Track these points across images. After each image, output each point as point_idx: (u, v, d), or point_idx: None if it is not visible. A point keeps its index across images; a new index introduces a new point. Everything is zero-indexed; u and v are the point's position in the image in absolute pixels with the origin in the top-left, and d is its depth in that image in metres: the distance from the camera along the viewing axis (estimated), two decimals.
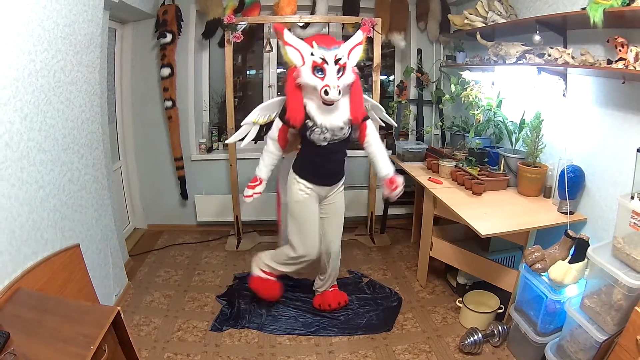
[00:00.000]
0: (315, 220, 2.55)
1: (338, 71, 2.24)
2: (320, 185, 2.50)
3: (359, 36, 2.39)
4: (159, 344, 2.46)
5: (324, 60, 2.22)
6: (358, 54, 2.38)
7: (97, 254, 2.54)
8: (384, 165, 2.52)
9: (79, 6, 2.30)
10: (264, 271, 2.71)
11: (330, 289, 2.81)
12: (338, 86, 2.19)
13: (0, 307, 1.59)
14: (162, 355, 2.37)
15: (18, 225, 1.81)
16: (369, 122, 2.51)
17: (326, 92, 2.17)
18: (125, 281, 2.99)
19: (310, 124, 2.32)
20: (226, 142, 3.16)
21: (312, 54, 2.25)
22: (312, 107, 2.30)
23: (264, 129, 2.67)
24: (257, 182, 2.59)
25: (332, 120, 2.32)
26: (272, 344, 2.49)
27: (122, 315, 1.70)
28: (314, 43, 2.27)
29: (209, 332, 2.58)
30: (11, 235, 1.76)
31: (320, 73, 2.23)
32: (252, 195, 2.61)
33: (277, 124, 2.46)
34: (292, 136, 2.52)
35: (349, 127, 2.40)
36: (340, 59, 2.24)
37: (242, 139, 2.69)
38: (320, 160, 2.45)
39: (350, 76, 2.30)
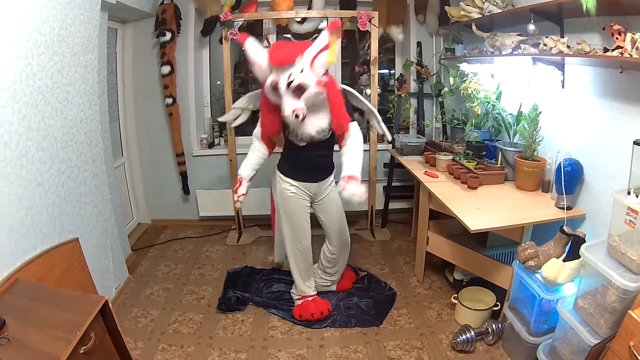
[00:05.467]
0: (304, 217, 2.58)
1: (297, 90, 2.10)
2: (305, 182, 2.51)
3: (324, 39, 2.11)
4: (154, 336, 2.53)
5: (277, 84, 2.13)
6: (324, 61, 2.11)
7: (97, 248, 2.63)
8: (349, 165, 2.36)
9: (75, 9, 2.37)
10: (298, 298, 2.76)
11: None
12: (294, 111, 2.09)
13: None
14: (157, 346, 2.44)
15: (17, 221, 1.89)
16: (351, 125, 2.39)
17: (291, 116, 2.11)
18: (125, 275, 3.08)
19: (286, 127, 2.33)
20: (219, 119, 3.23)
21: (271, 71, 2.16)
22: None
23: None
24: (238, 185, 2.65)
25: (305, 128, 2.27)
26: (264, 337, 2.53)
27: (110, 305, 1.76)
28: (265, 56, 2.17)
29: (204, 325, 2.64)
30: (10, 230, 1.84)
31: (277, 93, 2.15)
32: (237, 200, 2.66)
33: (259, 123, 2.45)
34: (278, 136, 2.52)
35: (329, 130, 2.35)
36: (291, 82, 2.07)
37: (235, 119, 2.81)
38: (302, 158, 2.42)
39: (312, 91, 2.12)
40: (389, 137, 2.72)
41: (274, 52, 2.17)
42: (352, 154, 2.41)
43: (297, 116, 2.10)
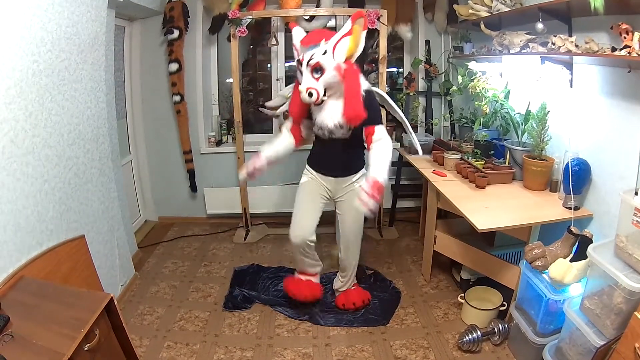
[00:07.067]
0: (309, 205, 2.57)
1: (316, 71, 2.16)
2: (322, 174, 2.53)
3: (346, 27, 2.20)
4: (160, 333, 2.54)
5: (299, 62, 2.22)
6: (345, 47, 2.17)
7: (103, 245, 2.64)
8: (374, 168, 2.26)
9: (81, 7, 2.38)
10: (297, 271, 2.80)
11: (352, 287, 2.79)
12: (308, 88, 2.15)
13: (3, 294, 1.69)
14: (163, 344, 2.45)
15: (23, 217, 1.90)
16: (377, 128, 2.34)
17: (304, 93, 2.18)
18: (132, 272, 3.10)
19: (312, 117, 2.37)
20: (266, 103, 3.42)
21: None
22: None
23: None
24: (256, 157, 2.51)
25: (323, 119, 2.31)
26: (269, 335, 2.53)
27: (116, 302, 1.77)
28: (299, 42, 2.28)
29: (210, 322, 2.65)
30: (16, 226, 1.85)
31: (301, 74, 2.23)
32: (246, 169, 2.47)
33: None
34: (308, 129, 2.55)
35: (349, 129, 2.32)
36: (311, 60, 2.14)
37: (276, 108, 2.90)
38: (324, 153, 2.46)
39: (330, 74, 2.17)
40: (419, 151, 2.67)
41: (307, 35, 2.29)
42: (378, 156, 2.30)
43: (310, 94, 2.16)
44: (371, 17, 3.20)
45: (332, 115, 2.28)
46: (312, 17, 3.46)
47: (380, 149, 2.32)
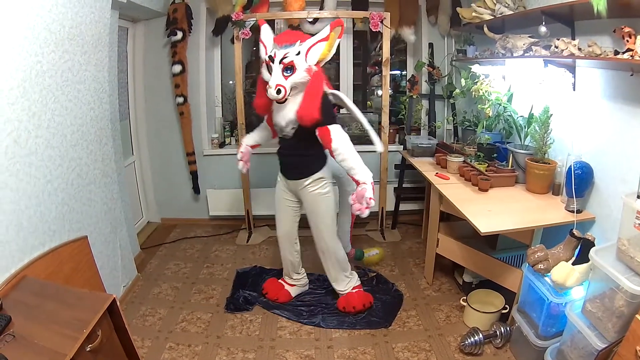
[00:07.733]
0: (280, 206, 2.72)
1: (287, 70, 2.23)
2: (284, 177, 2.62)
3: (324, 33, 2.28)
4: (162, 334, 2.54)
5: (271, 59, 2.26)
6: (319, 51, 2.27)
7: (106, 246, 2.65)
8: (355, 175, 2.28)
9: (85, 8, 2.39)
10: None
11: (354, 291, 2.77)
12: (277, 85, 2.20)
13: (5, 294, 1.69)
14: (165, 345, 2.44)
15: (26, 217, 1.91)
16: (332, 129, 2.30)
17: (273, 89, 2.22)
18: (134, 273, 3.10)
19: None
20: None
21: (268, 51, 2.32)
22: None
23: None
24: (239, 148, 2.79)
25: (278, 116, 2.39)
26: (272, 337, 2.53)
27: (118, 303, 1.77)
28: (272, 40, 2.34)
29: (212, 324, 2.65)
30: (19, 226, 1.86)
31: (270, 70, 2.28)
32: (238, 162, 2.80)
33: None
34: None
35: (293, 128, 2.38)
36: (285, 58, 2.21)
37: None
38: (279, 151, 2.58)
39: (300, 75, 2.24)
40: (379, 149, 2.45)
41: (281, 34, 2.40)
42: (348, 161, 2.29)
43: (278, 91, 2.21)
44: (375, 20, 3.21)
45: (285, 113, 2.35)
46: (315, 20, 3.46)
47: (344, 152, 2.29)
